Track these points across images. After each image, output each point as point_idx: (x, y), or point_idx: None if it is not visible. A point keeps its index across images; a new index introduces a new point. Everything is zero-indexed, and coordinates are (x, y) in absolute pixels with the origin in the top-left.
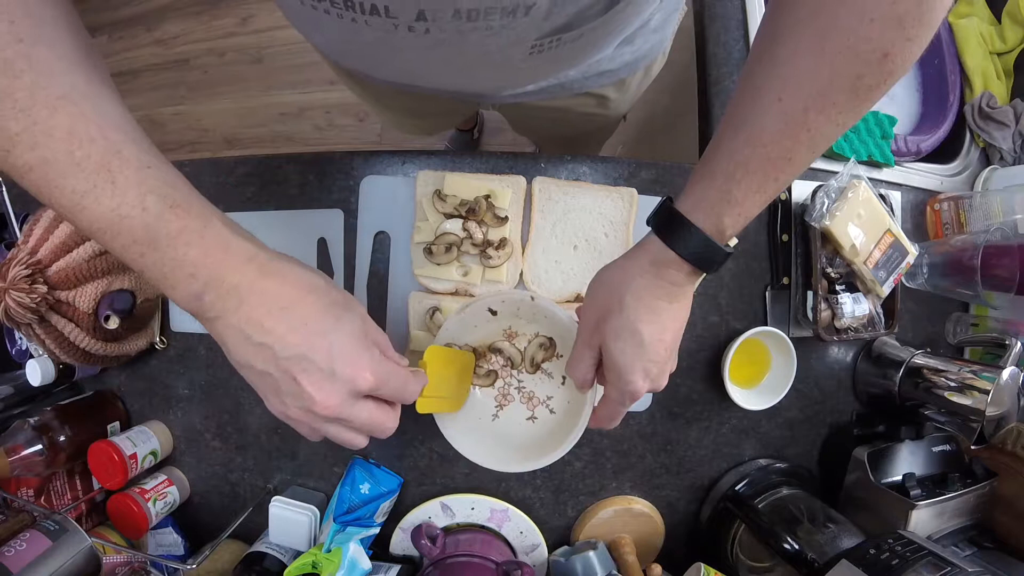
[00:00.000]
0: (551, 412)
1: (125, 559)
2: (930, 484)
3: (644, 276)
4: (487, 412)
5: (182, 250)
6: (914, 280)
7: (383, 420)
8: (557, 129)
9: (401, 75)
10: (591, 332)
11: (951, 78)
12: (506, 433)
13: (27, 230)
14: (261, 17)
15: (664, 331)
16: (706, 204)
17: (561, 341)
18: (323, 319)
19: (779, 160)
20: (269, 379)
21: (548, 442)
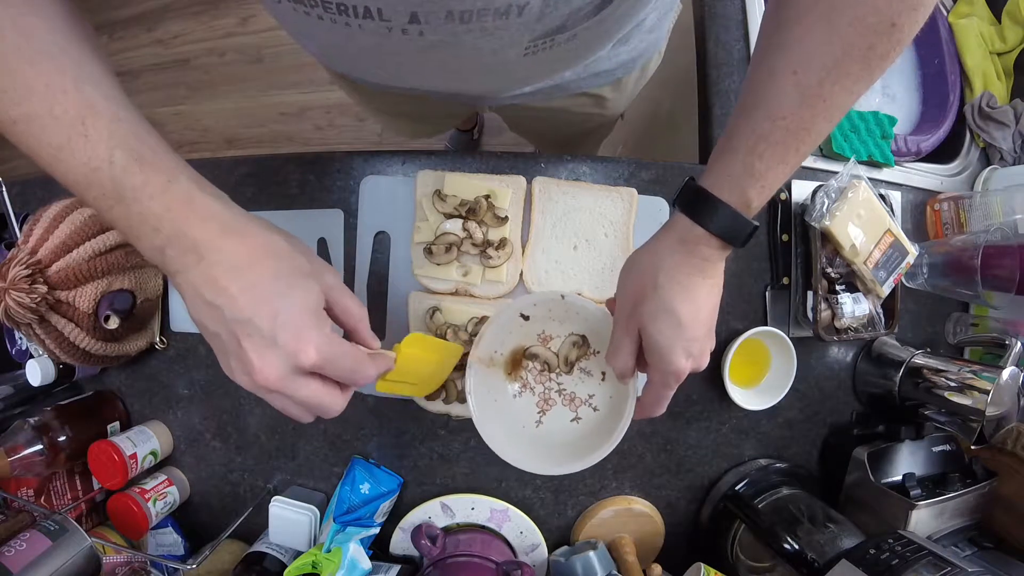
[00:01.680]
0: (595, 410)
1: (125, 559)
2: (930, 484)
3: (675, 254)
4: (531, 420)
5: (145, 204)
6: (914, 280)
7: (328, 401)
8: (555, 129)
9: (396, 79)
10: (628, 318)
11: (951, 78)
12: (552, 437)
13: (27, 230)
14: (261, 17)
15: (700, 308)
16: (731, 179)
17: (594, 336)
18: (274, 284)
19: (799, 131)
20: (219, 340)
21: (595, 439)
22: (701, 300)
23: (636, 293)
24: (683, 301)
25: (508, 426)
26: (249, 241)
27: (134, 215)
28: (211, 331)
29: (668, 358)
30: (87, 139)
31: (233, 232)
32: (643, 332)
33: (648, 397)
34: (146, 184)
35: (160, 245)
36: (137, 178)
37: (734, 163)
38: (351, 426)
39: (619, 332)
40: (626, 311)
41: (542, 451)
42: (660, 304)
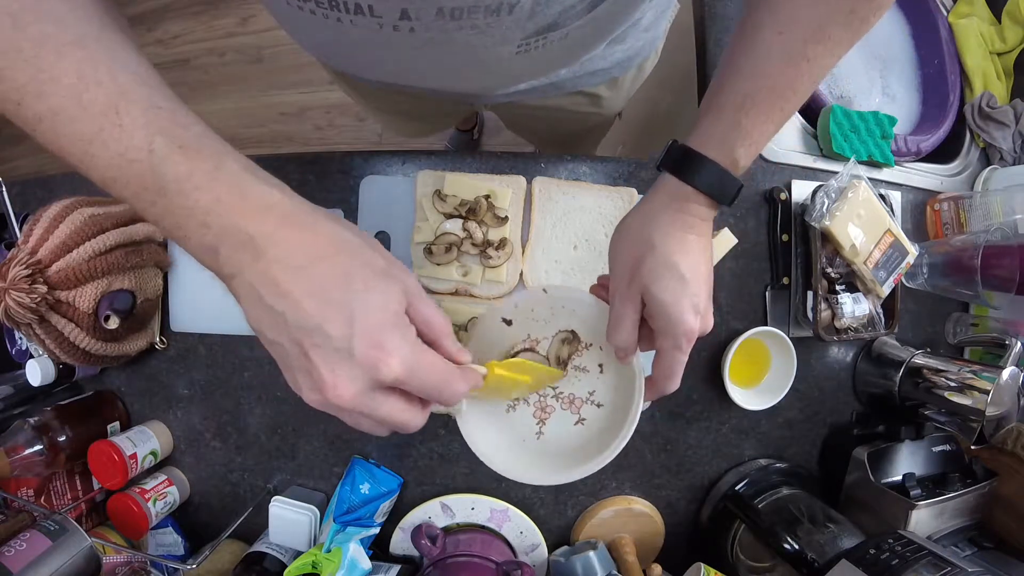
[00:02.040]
0: (599, 406)
1: (125, 559)
2: (930, 484)
3: (666, 212)
4: (530, 433)
5: (192, 196)
6: (914, 280)
7: (408, 419)
8: (552, 128)
9: (391, 76)
10: (627, 284)
11: (951, 78)
12: (559, 444)
13: (27, 230)
14: (261, 17)
15: (699, 264)
16: (717, 137)
17: (584, 328)
18: (347, 285)
19: (784, 90)
20: (281, 350)
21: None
22: (698, 256)
23: (633, 257)
24: (682, 255)
25: (508, 444)
26: (314, 235)
27: (179, 210)
28: (270, 339)
29: (677, 317)
30: (122, 128)
31: (294, 224)
32: (647, 295)
33: (660, 370)
34: (191, 174)
35: (212, 244)
36: (181, 167)
37: (720, 122)
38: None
39: (619, 303)
40: (624, 279)
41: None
42: (661, 261)
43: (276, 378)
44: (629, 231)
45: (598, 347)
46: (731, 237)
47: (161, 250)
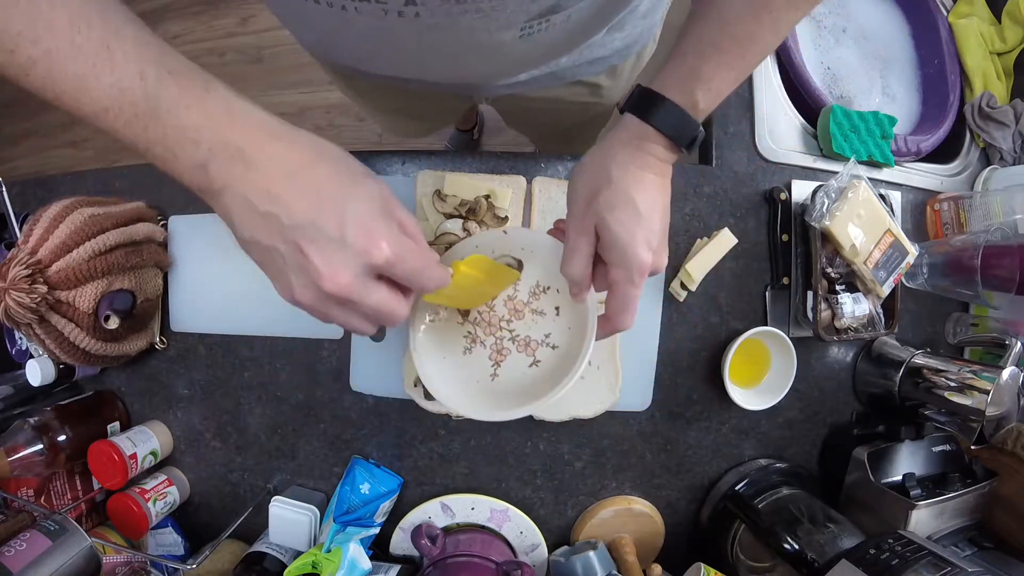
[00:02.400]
0: (553, 348)
1: (125, 559)
2: (930, 484)
3: (625, 150)
4: (485, 374)
5: (183, 115)
6: (914, 280)
7: (395, 307)
8: (552, 122)
9: (392, 67)
10: (583, 215)
11: (951, 78)
12: (512, 386)
13: (27, 230)
14: (261, 17)
15: (655, 201)
16: (678, 80)
17: (543, 270)
18: (336, 184)
19: (745, 39)
20: (275, 255)
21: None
22: (655, 193)
23: (590, 189)
24: (639, 191)
25: (462, 382)
26: (298, 145)
27: (171, 130)
28: (265, 245)
29: (630, 249)
30: (113, 62)
31: (279, 138)
32: (601, 226)
33: (614, 304)
34: (182, 95)
35: (202, 160)
36: (172, 90)
37: (681, 66)
38: (351, 426)
39: (573, 234)
40: (580, 210)
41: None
42: (617, 193)
43: (276, 378)
44: (588, 166)
45: (555, 290)
46: (731, 237)
47: (161, 250)
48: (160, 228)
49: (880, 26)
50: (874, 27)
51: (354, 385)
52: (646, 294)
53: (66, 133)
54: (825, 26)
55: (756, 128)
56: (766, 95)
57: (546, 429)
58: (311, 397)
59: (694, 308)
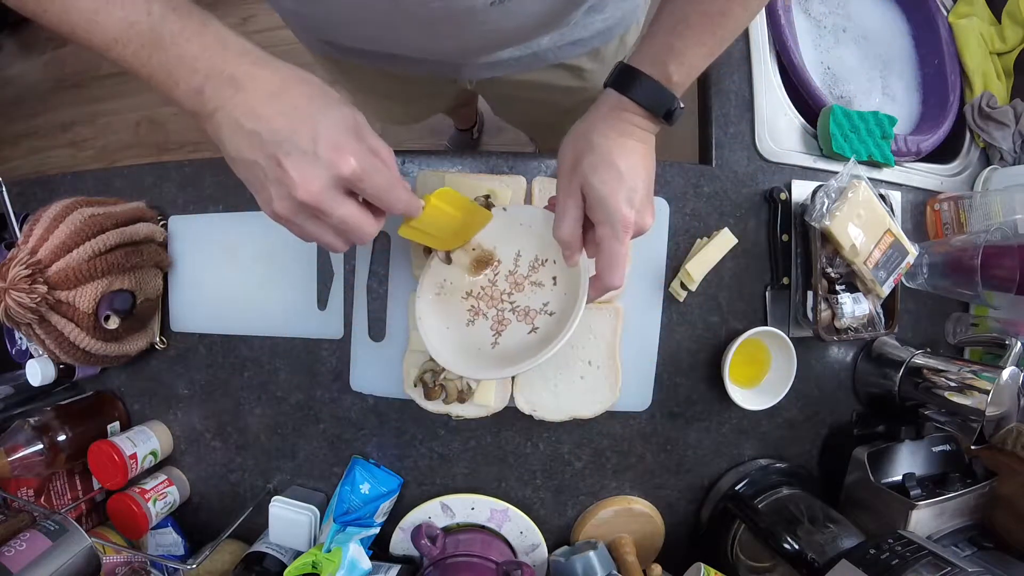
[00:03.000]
0: (551, 315)
1: (125, 559)
2: (930, 484)
3: (607, 120)
4: (486, 343)
5: (184, 46)
6: (914, 280)
7: (363, 222)
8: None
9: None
10: (569, 179)
11: (951, 78)
12: (511, 352)
13: (27, 230)
14: (261, 17)
15: (636, 164)
16: (651, 55)
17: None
18: (311, 104)
19: (716, 15)
20: (257, 169)
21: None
22: (636, 158)
23: (575, 156)
24: (619, 155)
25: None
26: (282, 72)
27: (172, 59)
28: (248, 160)
29: (615, 206)
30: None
31: (266, 64)
32: (585, 187)
33: (602, 261)
34: (183, 29)
35: (198, 85)
36: (175, 24)
37: (655, 43)
38: (351, 426)
39: (562, 197)
40: (567, 175)
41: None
42: (599, 157)
43: (276, 378)
44: (572, 136)
45: (552, 261)
46: (731, 237)
47: (161, 250)
48: (160, 228)
49: (880, 26)
50: (874, 27)
51: (354, 385)
52: (646, 294)
53: (66, 133)
54: (825, 26)
55: (756, 128)
56: (766, 95)
57: (546, 429)
58: (311, 397)
59: (694, 308)
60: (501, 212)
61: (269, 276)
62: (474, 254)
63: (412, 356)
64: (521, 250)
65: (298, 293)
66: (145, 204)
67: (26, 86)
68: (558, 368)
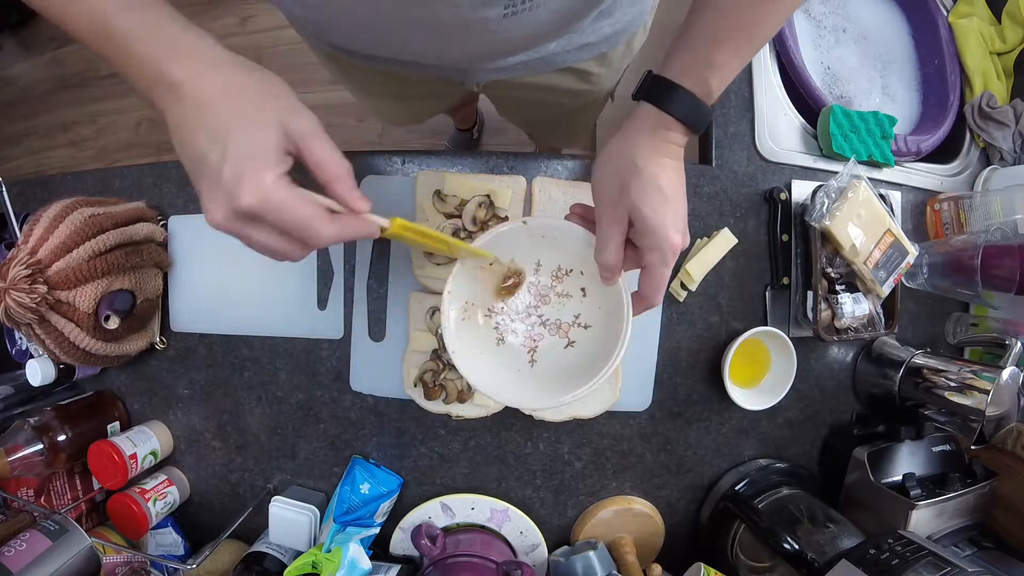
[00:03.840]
0: (586, 328)
1: (125, 559)
2: (930, 484)
3: (647, 138)
4: (523, 362)
5: (132, 47)
6: (914, 280)
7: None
8: (543, 110)
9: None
10: (614, 205)
11: (951, 78)
12: (551, 370)
13: (27, 230)
14: (261, 17)
15: (678, 185)
16: (693, 71)
17: (565, 254)
18: (232, 122)
19: (751, 26)
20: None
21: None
22: (677, 179)
23: (619, 180)
24: (665, 178)
25: (504, 377)
26: (223, 78)
27: (127, 59)
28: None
29: (663, 233)
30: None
31: (209, 70)
32: (634, 214)
33: (649, 285)
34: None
35: (148, 87)
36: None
37: (694, 58)
38: (351, 426)
39: (606, 224)
40: (612, 199)
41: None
42: (647, 182)
43: (276, 378)
44: (614, 158)
45: (579, 272)
46: (731, 237)
47: (161, 250)
48: (160, 228)
49: (880, 26)
50: (874, 27)
51: (354, 385)
52: None
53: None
54: (825, 26)
55: (756, 128)
56: (766, 95)
57: (546, 429)
58: (311, 397)
59: (694, 308)
60: (521, 225)
61: (269, 276)
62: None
63: (412, 356)
64: (541, 260)
65: (298, 293)
66: (145, 204)
67: (26, 86)
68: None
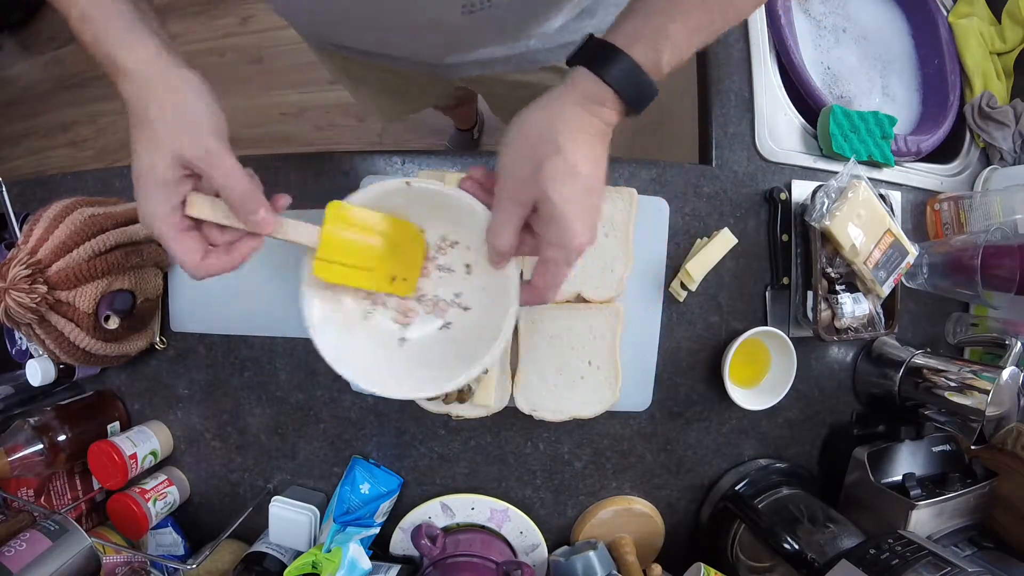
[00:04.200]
0: (466, 310)
1: (125, 559)
2: (930, 484)
3: (576, 112)
4: (392, 338)
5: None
6: (914, 280)
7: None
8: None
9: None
10: (522, 184)
11: (951, 78)
12: (423, 352)
13: (27, 230)
14: (261, 17)
15: (600, 175)
16: (644, 38)
17: (450, 225)
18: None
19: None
20: None
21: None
22: (600, 168)
23: (535, 156)
24: (586, 163)
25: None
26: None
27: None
28: None
29: (573, 229)
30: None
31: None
32: (542, 201)
33: (542, 280)
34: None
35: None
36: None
37: (647, 25)
38: (351, 426)
39: (508, 204)
40: (519, 177)
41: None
42: (565, 167)
43: (276, 378)
44: (532, 128)
45: (465, 246)
46: (731, 237)
47: (161, 250)
48: None
49: (880, 26)
50: (874, 27)
51: (354, 385)
52: (646, 294)
53: (66, 133)
54: (825, 26)
55: (756, 128)
56: (766, 95)
57: (546, 429)
58: (311, 397)
59: (694, 308)
60: (403, 187)
61: (269, 276)
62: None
63: None
64: (425, 227)
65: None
66: None
67: (26, 86)
68: (558, 368)
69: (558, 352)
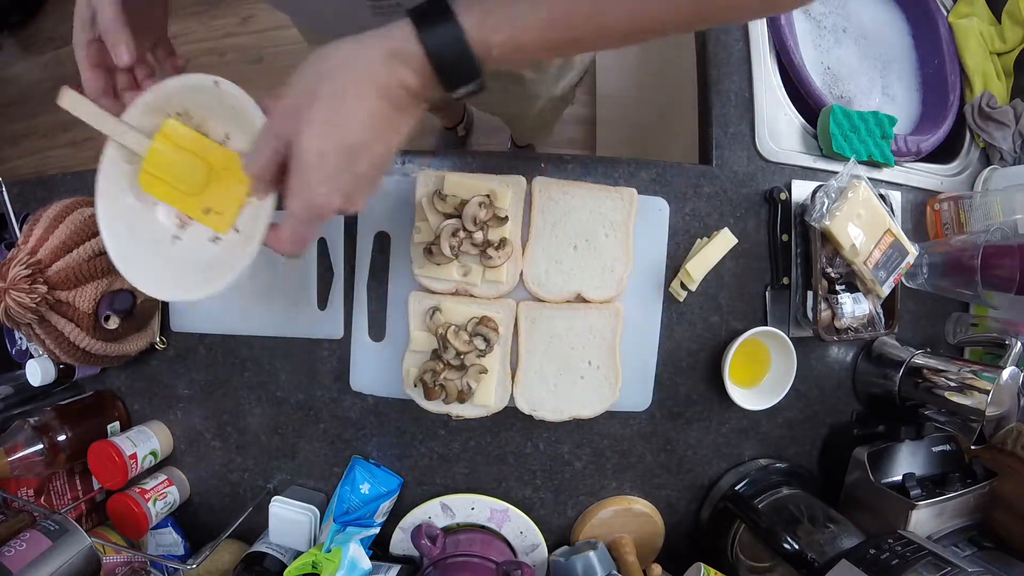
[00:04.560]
0: (236, 231)
1: (125, 559)
2: (930, 484)
3: (374, 67)
4: (165, 234)
5: None
6: (914, 280)
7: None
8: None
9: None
10: (284, 118)
11: (951, 78)
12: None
13: (27, 230)
14: (261, 17)
15: (377, 141)
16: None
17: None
18: None
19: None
20: None
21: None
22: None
23: (308, 93)
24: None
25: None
26: None
27: None
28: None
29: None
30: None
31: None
32: (296, 146)
33: (286, 231)
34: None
35: None
36: None
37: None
38: (351, 426)
39: (267, 131)
40: (287, 109)
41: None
42: (332, 118)
43: (276, 378)
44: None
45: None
46: (731, 237)
47: None
48: None
49: (880, 26)
50: (874, 27)
51: (354, 385)
52: (646, 294)
53: (66, 133)
54: (825, 26)
55: (756, 128)
56: (766, 95)
57: (546, 429)
58: (311, 397)
59: (694, 308)
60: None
61: (269, 276)
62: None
63: (412, 356)
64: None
65: (298, 293)
66: None
67: (26, 86)
68: (558, 368)
69: (558, 352)
